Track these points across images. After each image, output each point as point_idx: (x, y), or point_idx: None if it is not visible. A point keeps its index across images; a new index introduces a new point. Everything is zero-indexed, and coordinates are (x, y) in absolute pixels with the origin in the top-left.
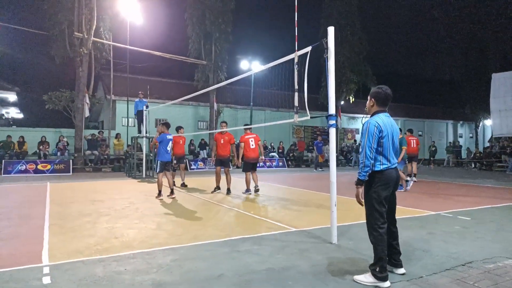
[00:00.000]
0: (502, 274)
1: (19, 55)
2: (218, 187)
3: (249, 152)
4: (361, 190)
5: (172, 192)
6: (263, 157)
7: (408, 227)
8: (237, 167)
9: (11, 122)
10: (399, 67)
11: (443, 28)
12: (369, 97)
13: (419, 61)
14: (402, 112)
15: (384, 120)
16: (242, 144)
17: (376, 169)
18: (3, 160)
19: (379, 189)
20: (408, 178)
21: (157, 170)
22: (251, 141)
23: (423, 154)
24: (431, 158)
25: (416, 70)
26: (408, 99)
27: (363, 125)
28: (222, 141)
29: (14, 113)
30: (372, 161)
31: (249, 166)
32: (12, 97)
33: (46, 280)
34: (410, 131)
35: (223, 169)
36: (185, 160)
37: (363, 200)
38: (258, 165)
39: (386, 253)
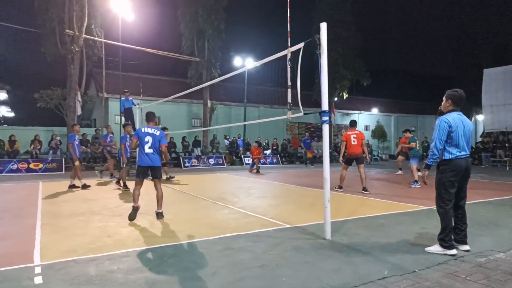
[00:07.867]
0: (493, 268)
1: (9, 53)
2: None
3: (351, 148)
4: (426, 173)
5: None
6: (367, 156)
7: (401, 222)
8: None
9: (2, 121)
10: (392, 63)
11: (436, 24)
12: (445, 98)
13: (411, 57)
14: (395, 108)
15: (455, 117)
16: (344, 143)
17: (445, 157)
18: None
19: (447, 175)
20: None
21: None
22: (353, 137)
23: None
24: (424, 154)
25: (408, 66)
26: (400, 95)
27: (436, 121)
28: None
29: (4, 111)
30: (441, 151)
31: (350, 162)
32: (2, 95)
33: (38, 280)
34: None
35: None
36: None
37: (426, 181)
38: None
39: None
